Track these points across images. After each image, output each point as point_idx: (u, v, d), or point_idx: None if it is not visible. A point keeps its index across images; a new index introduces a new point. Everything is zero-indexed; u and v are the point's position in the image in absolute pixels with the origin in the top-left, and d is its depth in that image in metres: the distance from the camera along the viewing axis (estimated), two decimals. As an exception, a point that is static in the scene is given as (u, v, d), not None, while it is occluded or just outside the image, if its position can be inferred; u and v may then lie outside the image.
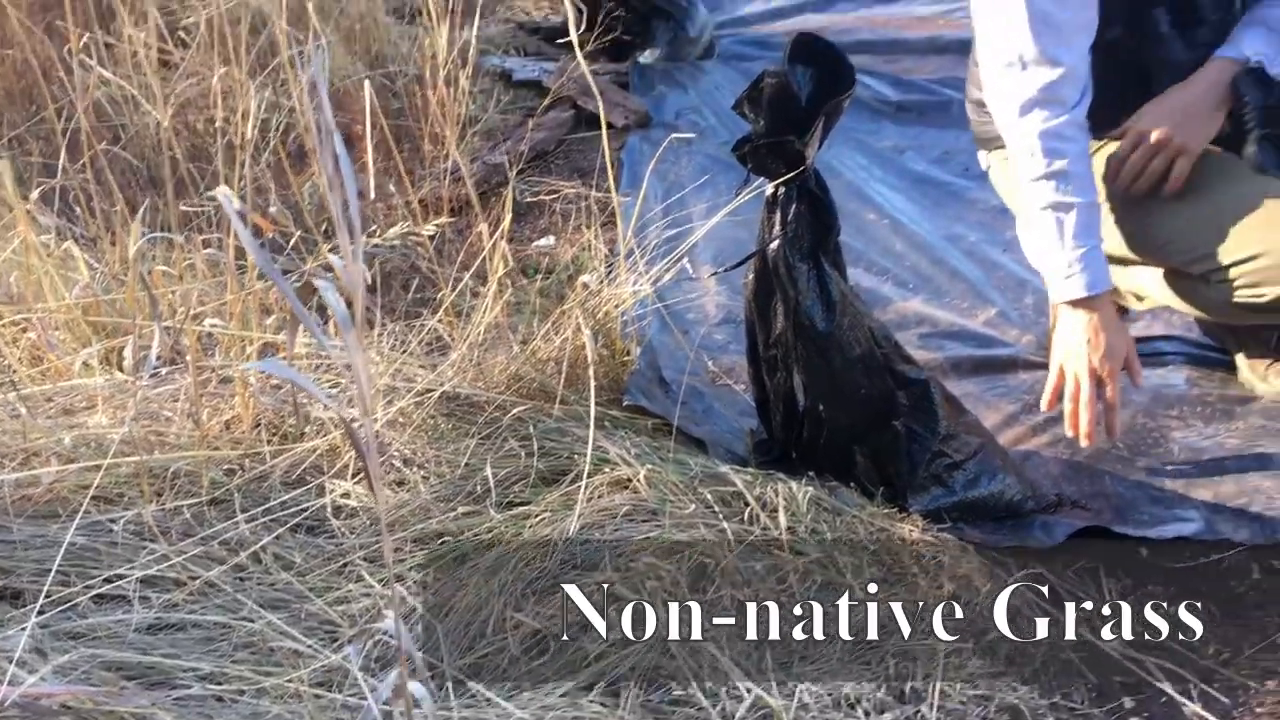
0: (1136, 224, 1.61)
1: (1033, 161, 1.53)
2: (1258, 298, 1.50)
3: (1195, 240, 1.53)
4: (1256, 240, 1.48)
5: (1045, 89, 1.50)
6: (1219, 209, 1.52)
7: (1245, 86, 1.51)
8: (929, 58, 3.40)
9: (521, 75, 3.30)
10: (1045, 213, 1.54)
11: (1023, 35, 1.48)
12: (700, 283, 2.25)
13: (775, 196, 1.41)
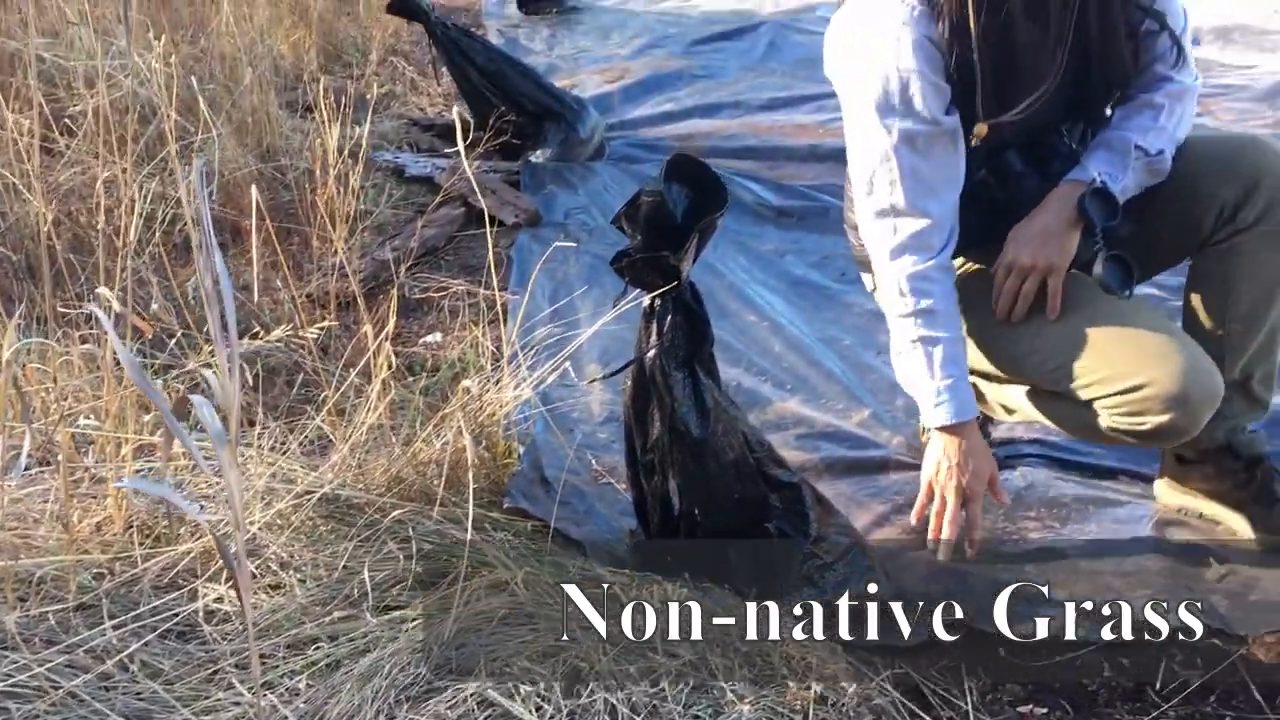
0: (1010, 347, 1.69)
1: (902, 300, 1.64)
2: (1139, 425, 1.57)
3: (1072, 366, 1.60)
4: (1137, 369, 1.54)
5: (914, 236, 1.61)
6: (1096, 336, 1.60)
7: (1091, 207, 1.60)
8: (810, 164, 3.55)
9: (414, 171, 3.34)
10: (914, 345, 1.65)
11: (894, 188, 1.59)
12: (585, 378, 2.29)
13: (652, 308, 1.47)
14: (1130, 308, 1.63)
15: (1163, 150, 1.62)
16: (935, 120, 1.57)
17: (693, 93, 4.40)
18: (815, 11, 5.83)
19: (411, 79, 4.39)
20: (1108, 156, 1.63)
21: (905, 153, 1.58)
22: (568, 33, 5.53)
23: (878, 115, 1.58)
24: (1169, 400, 1.53)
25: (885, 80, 1.56)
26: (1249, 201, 1.59)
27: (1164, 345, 1.56)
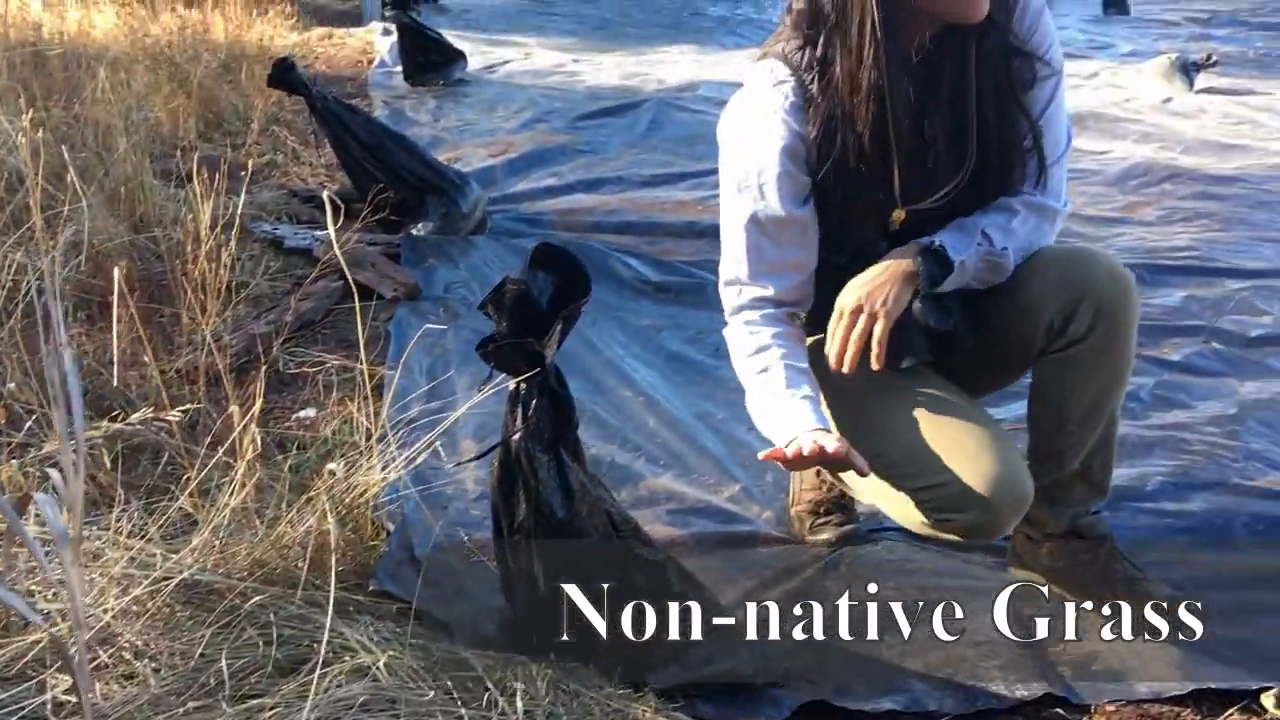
0: (848, 428, 1.72)
1: (749, 362, 1.71)
2: (944, 522, 1.62)
3: (897, 455, 1.66)
4: (945, 469, 1.59)
5: (756, 301, 1.71)
6: (922, 429, 1.65)
7: (923, 260, 1.64)
8: (688, 240, 3.64)
9: (292, 243, 3.33)
10: (759, 376, 1.70)
11: (740, 261, 1.69)
12: (463, 456, 2.30)
13: (518, 391, 1.50)
14: (958, 407, 1.69)
15: (1006, 249, 1.66)
16: (784, 208, 1.65)
17: (576, 167, 4.48)
18: (698, 90, 6.00)
19: (294, 149, 4.38)
20: (955, 233, 1.68)
21: (754, 230, 1.67)
22: (454, 105, 5.58)
23: (735, 192, 1.68)
24: (971, 501, 1.58)
25: (746, 164, 1.65)
26: (1076, 316, 1.65)
27: (977, 447, 1.61)
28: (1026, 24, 1.66)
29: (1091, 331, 1.65)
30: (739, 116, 1.69)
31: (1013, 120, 1.66)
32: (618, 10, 10.27)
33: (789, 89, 1.63)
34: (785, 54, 1.65)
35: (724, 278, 1.74)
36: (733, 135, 1.69)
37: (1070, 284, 1.66)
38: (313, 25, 8.24)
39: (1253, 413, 2.48)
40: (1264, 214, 3.98)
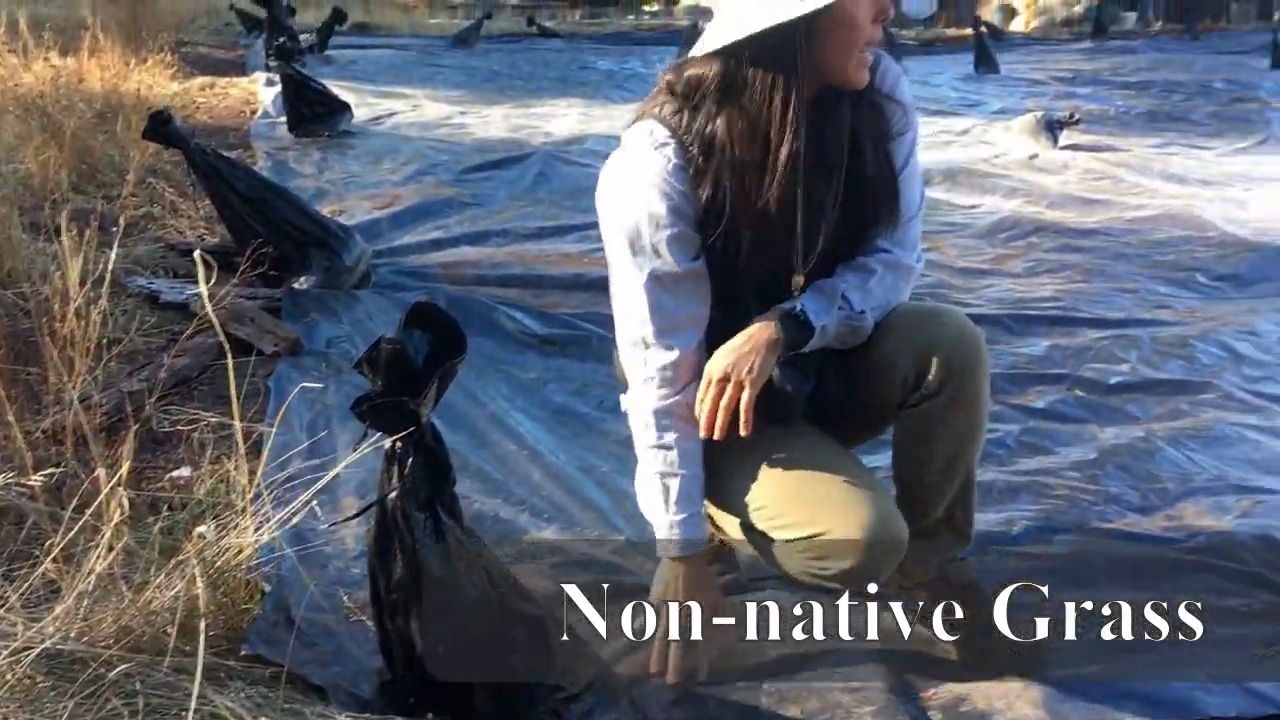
0: (724, 484, 1.77)
1: (647, 432, 1.73)
2: (823, 570, 1.65)
3: (773, 507, 1.70)
4: (826, 517, 1.63)
5: (662, 369, 1.71)
6: (796, 481, 1.69)
7: (785, 327, 1.69)
8: (574, 293, 3.68)
9: (169, 297, 3.26)
10: (656, 477, 1.74)
11: (644, 322, 1.69)
12: (341, 513, 2.27)
13: (393, 450, 1.50)
14: (830, 459, 1.72)
15: (864, 312, 1.72)
16: (680, 264, 1.67)
17: (462, 220, 4.50)
18: (585, 143, 6.10)
19: (172, 201, 4.31)
20: (817, 296, 1.73)
21: (654, 289, 1.68)
22: (339, 157, 5.56)
23: (631, 255, 1.68)
24: (849, 548, 1.61)
25: (638, 227, 1.65)
26: (928, 373, 1.70)
27: (851, 496, 1.65)
28: (889, 85, 1.74)
29: (943, 388, 1.70)
30: (623, 180, 1.69)
31: (883, 170, 1.73)
32: (506, 63, 10.37)
33: (671, 151, 1.65)
34: (663, 117, 1.68)
35: (627, 341, 1.73)
36: (618, 198, 1.69)
37: (921, 342, 1.71)
38: (194, 75, 8.13)
39: (1112, 458, 2.59)
40: (1123, 266, 4.19)
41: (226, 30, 11.96)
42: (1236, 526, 2.26)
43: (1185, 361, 3.21)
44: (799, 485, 1.70)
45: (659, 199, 1.65)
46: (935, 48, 13.40)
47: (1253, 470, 2.55)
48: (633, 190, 1.67)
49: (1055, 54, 12.87)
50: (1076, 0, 22.48)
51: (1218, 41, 13.80)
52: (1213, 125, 7.70)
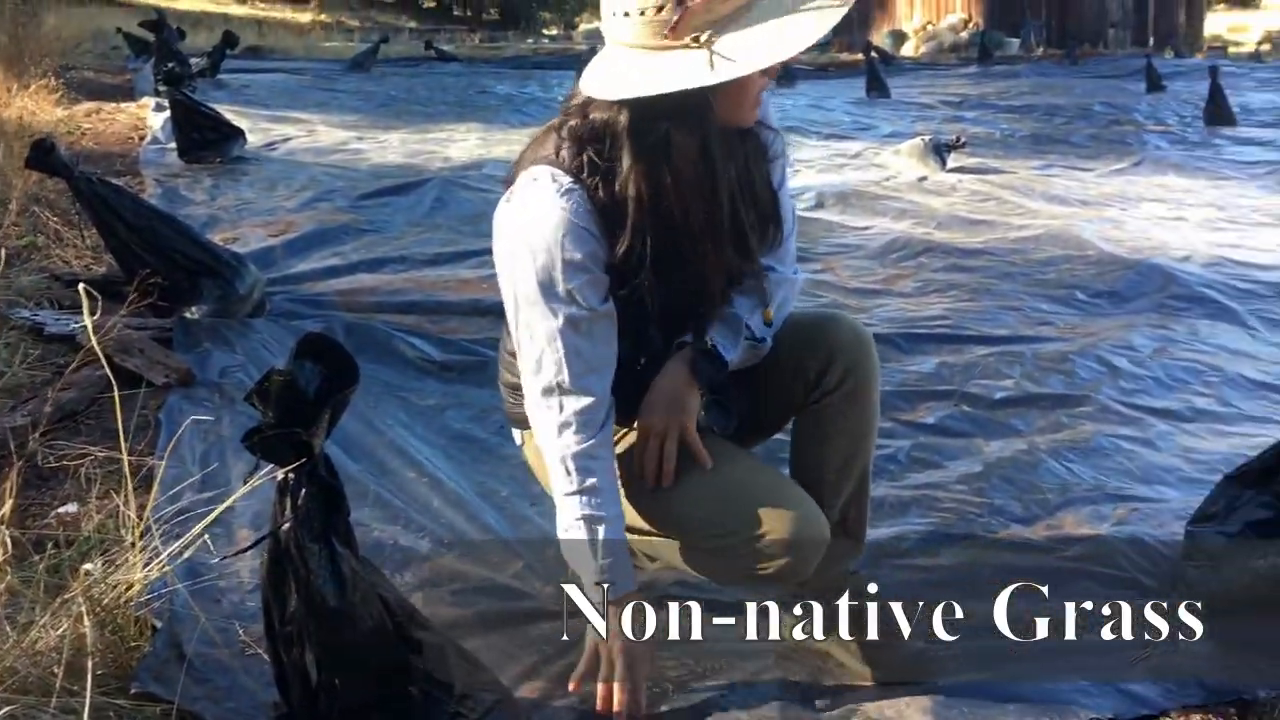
0: (654, 505, 1.82)
1: (568, 479, 1.74)
2: (761, 570, 1.72)
3: (706, 519, 1.75)
4: (758, 520, 1.70)
5: (578, 414, 1.72)
6: (724, 491, 1.75)
7: (701, 364, 1.79)
8: (472, 319, 3.68)
9: (54, 329, 3.18)
10: (579, 523, 1.75)
11: (560, 367, 1.70)
12: (235, 545, 2.24)
13: (286, 482, 1.49)
14: (750, 466, 1.82)
15: (765, 339, 1.84)
16: (594, 307, 1.70)
17: (359, 247, 4.47)
18: (483, 168, 6.10)
19: (57, 230, 4.20)
20: (723, 329, 1.83)
21: (569, 334, 1.69)
22: (231, 184, 5.48)
23: (543, 301, 1.68)
24: (785, 545, 1.70)
25: (549, 272, 1.66)
26: (829, 369, 1.84)
27: (778, 496, 1.74)
28: (762, 112, 1.81)
29: (841, 384, 1.84)
30: (531, 227, 1.67)
31: (768, 192, 1.82)
32: (403, 88, 10.32)
33: (578, 198, 1.66)
34: (563, 162, 1.69)
35: (539, 388, 1.73)
36: (527, 246, 1.67)
37: (821, 344, 1.85)
38: (80, 100, 7.93)
39: (996, 470, 2.69)
40: (1007, 284, 4.33)
41: (114, 54, 11.69)
42: (1113, 533, 2.36)
43: (1065, 376, 3.34)
44: (727, 494, 1.76)
45: (573, 245, 1.66)
46: (829, 72, 13.71)
47: (1128, 479, 2.67)
48: (544, 236, 1.66)
49: (943, 79, 13.27)
50: (963, 26, 23.21)
51: (1096, 66, 14.37)
52: (1092, 147, 8.02)
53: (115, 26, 12.35)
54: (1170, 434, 2.96)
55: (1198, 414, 3.10)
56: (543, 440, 1.78)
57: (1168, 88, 11.03)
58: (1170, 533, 2.32)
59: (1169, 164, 7.19)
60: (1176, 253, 4.73)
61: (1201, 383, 3.33)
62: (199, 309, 3.38)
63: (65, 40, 11.72)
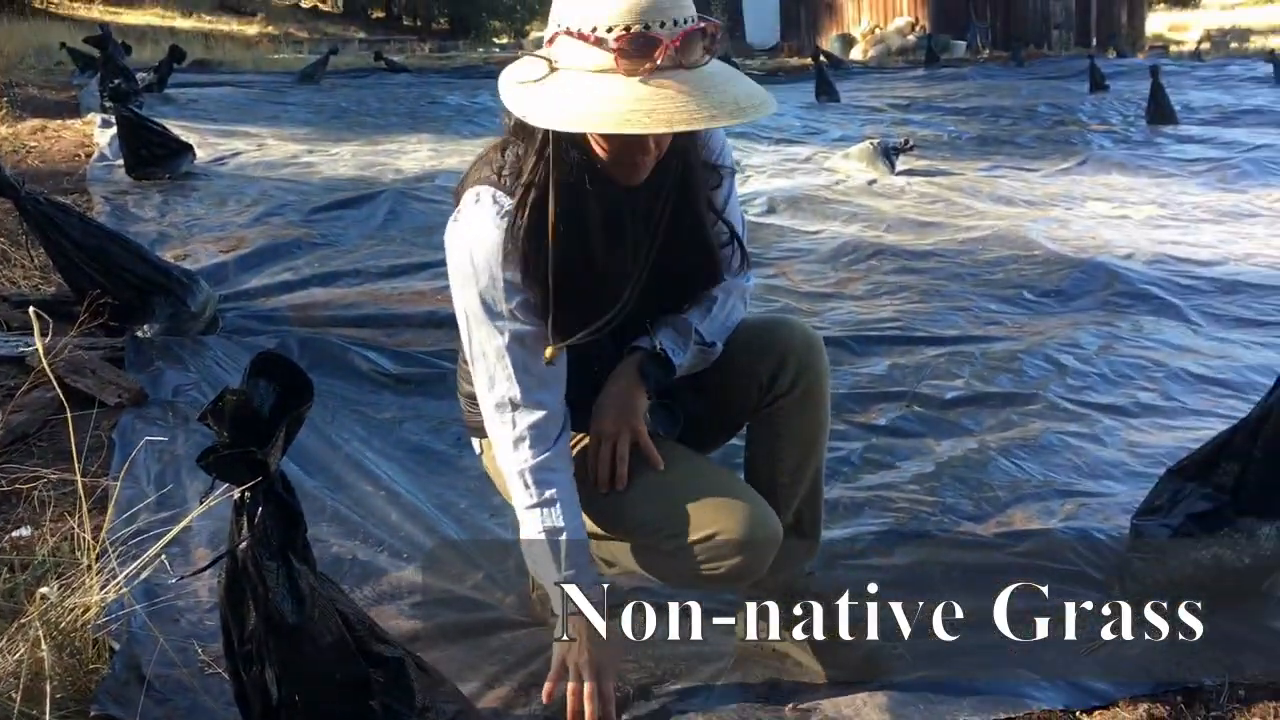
0: (608, 508, 1.84)
1: (527, 492, 1.77)
2: (715, 570, 1.75)
3: (660, 520, 1.77)
4: (711, 520, 1.73)
5: (532, 428, 1.75)
6: (676, 493, 1.77)
7: (649, 368, 1.82)
8: (428, 331, 3.68)
9: (3, 351, 3.15)
10: (541, 535, 1.77)
11: (510, 382, 1.73)
12: (193, 565, 2.23)
13: (242, 500, 1.49)
14: (702, 468, 1.85)
15: (715, 342, 1.87)
16: (538, 326, 1.72)
17: (312, 261, 4.46)
18: (435, 180, 6.09)
19: (3, 250, 4.15)
20: (672, 334, 1.86)
21: (516, 350, 1.72)
22: (181, 199, 5.44)
23: (488, 320, 1.71)
24: (737, 545, 1.73)
25: (490, 292, 1.69)
26: (781, 373, 1.86)
27: (730, 496, 1.77)
28: (714, 153, 1.85)
29: (794, 386, 1.86)
30: (469, 251, 1.70)
31: (707, 223, 1.83)
32: (354, 100, 10.27)
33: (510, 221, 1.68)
34: (502, 183, 1.70)
35: (493, 403, 1.76)
36: (468, 269, 1.70)
37: (772, 348, 1.87)
38: (24, 117, 7.83)
39: (948, 469, 2.73)
40: (957, 285, 4.40)
41: (58, 70, 11.53)
42: (1061, 528, 2.41)
43: (1014, 375, 3.40)
44: (679, 495, 1.78)
45: (505, 265, 1.68)
46: (779, 77, 13.81)
47: (1075, 475, 2.72)
48: (479, 257, 1.68)
49: (891, 82, 13.41)
50: (910, 30, 23.46)
51: (1041, 68, 14.58)
52: (1037, 148, 8.15)
53: (59, 41, 12.19)
54: (1116, 429, 3.02)
55: (1142, 409, 3.17)
56: (500, 455, 1.81)
57: (1110, 87, 11.22)
58: (1117, 526, 2.38)
59: (1112, 163, 7.33)
60: (1120, 251, 4.83)
61: (1146, 378, 3.40)
62: (151, 327, 3.36)
63: (8, 56, 11.57)
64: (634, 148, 1.61)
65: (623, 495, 1.83)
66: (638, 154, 1.62)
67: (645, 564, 1.88)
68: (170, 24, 23.30)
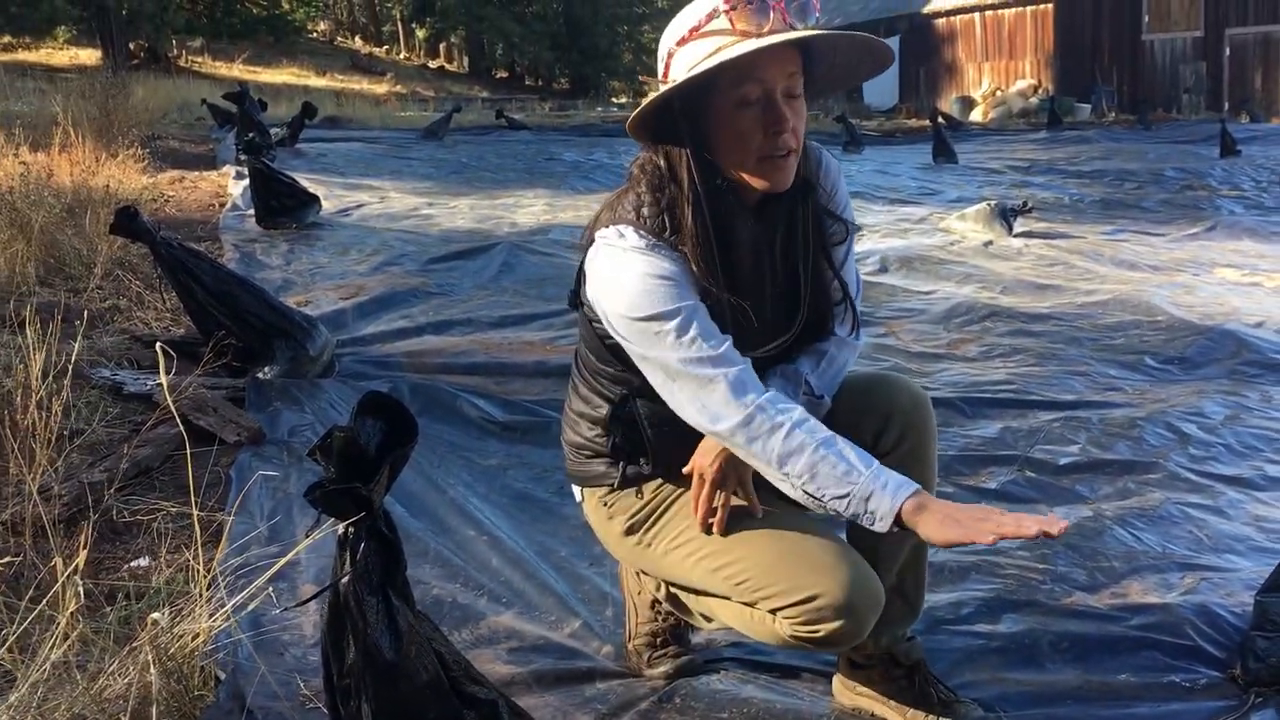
0: (706, 561, 1.81)
1: (775, 431, 1.63)
2: (814, 633, 1.70)
3: (759, 578, 1.74)
4: (812, 582, 1.69)
5: (741, 373, 1.67)
6: (777, 550, 1.75)
7: None
8: (536, 380, 3.73)
9: (132, 388, 3.29)
10: (817, 451, 1.61)
11: (702, 343, 1.67)
12: (298, 600, 2.28)
13: (346, 535, 1.53)
14: (805, 525, 1.79)
15: (824, 396, 1.84)
16: (692, 298, 1.70)
17: (427, 309, 4.56)
18: (549, 233, 6.20)
19: (138, 293, 4.35)
20: (782, 383, 1.82)
21: (700, 319, 1.68)
22: (306, 248, 5.62)
23: (666, 306, 1.67)
24: (838, 609, 1.67)
25: (657, 291, 1.68)
26: (886, 431, 1.83)
27: (832, 558, 1.72)
28: (829, 181, 1.84)
29: (899, 445, 1.82)
30: (619, 269, 1.70)
31: (827, 277, 1.84)
32: (474, 155, 10.55)
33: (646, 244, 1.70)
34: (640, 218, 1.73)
35: (695, 378, 1.67)
36: (624, 293, 1.70)
37: (879, 406, 1.85)
38: (164, 168, 8.23)
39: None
40: (1074, 349, 4.28)
41: (198, 125, 12.13)
42: (1180, 602, 2.30)
43: (1133, 442, 3.29)
44: (780, 553, 1.74)
45: (654, 261, 1.69)
46: (896, 138, 13.75)
47: (1196, 548, 2.61)
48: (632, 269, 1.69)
49: (1011, 144, 13.24)
50: (1032, 92, 23.17)
51: (1169, 131, 14.25)
52: (1164, 212, 7.93)
53: (200, 98, 12.82)
54: (1241, 502, 2.89)
55: (1270, 482, 3.03)
56: (724, 422, 1.67)
57: (1242, 152, 10.89)
58: (1240, 603, 2.27)
59: (1243, 229, 7.09)
60: (1250, 319, 4.65)
61: (1274, 450, 3.26)
62: (271, 369, 3.47)
63: (152, 111, 12.19)
64: (776, 129, 1.64)
65: (722, 548, 1.80)
66: (780, 139, 1.64)
67: (742, 622, 1.84)
68: (305, 82, 24.33)
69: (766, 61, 1.62)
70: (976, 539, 1.51)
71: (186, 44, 27.55)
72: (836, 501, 1.61)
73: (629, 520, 1.90)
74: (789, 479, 1.64)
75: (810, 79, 1.72)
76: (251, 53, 28.67)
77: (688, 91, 1.65)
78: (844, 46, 1.68)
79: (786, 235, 1.79)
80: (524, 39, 33.92)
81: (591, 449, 1.91)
